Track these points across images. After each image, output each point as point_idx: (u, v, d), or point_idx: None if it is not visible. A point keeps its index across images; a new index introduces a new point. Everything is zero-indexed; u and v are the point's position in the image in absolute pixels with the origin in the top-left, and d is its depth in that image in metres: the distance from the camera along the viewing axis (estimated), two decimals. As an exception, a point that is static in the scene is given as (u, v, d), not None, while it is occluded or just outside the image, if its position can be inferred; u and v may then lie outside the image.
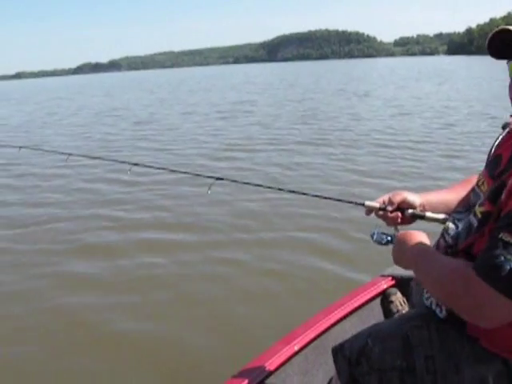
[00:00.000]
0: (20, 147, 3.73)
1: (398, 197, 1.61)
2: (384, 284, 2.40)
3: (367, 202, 1.63)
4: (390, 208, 1.60)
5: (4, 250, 5.62)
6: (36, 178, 9.22)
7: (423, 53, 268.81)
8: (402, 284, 2.35)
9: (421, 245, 1.37)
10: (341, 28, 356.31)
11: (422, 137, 11.33)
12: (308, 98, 23.71)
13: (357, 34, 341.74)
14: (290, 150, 10.66)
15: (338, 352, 1.50)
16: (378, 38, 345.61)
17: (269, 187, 2.35)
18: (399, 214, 1.61)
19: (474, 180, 1.55)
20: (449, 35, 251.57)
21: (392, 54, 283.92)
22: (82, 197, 7.73)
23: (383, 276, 2.46)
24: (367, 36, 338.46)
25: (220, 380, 1.86)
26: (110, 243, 5.73)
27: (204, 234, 5.81)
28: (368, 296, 2.33)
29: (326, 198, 1.95)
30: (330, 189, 7.21)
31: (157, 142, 12.88)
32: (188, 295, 4.36)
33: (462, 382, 1.31)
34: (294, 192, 2.11)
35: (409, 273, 1.98)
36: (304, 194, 2.04)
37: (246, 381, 1.78)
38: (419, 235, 1.42)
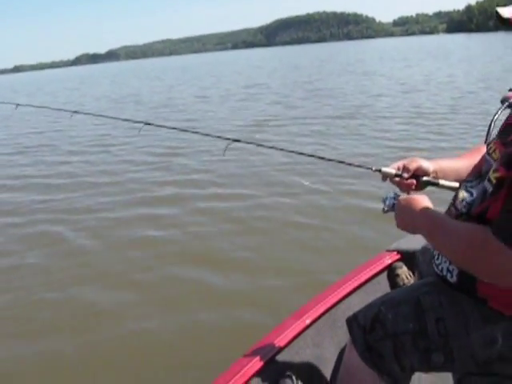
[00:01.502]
0: (17, 105, 3.88)
1: (414, 164, 1.66)
2: (390, 259, 2.46)
3: (384, 169, 1.69)
4: (405, 175, 1.66)
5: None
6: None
7: (422, 32, 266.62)
8: (407, 258, 2.40)
9: (430, 210, 1.42)
10: (339, 10, 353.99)
11: (435, 109, 12.07)
12: (317, 79, 24.30)
13: (355, 15, 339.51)
14: (315, 124, 11.49)
15: (352, 321, 1.55)
16: (377, 19, 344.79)
17: (281, 149, 2.36)
18: (414, 181, 1.66)
19: (482, 149, 1.64)
20: (448, 13, 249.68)
21: (391, 35, 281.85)
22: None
23: (389, 251, 2.52)
24: (366, 17, 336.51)
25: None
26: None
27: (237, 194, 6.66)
28: (374, 270, 2.40)
29: (348, 164, 2.02)
30: (352, 156, 8.00)
31: (182, 124, 13.54)
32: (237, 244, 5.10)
33: (473, 342, 1.36)
34: (312, 156, 2.17)
35: (414, 247, 2.20)
36: (321, 158, 2.13)
37: (262, 354, 1.86)
38: (423, 199, 1.45)
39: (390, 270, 2.41)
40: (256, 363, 1.80)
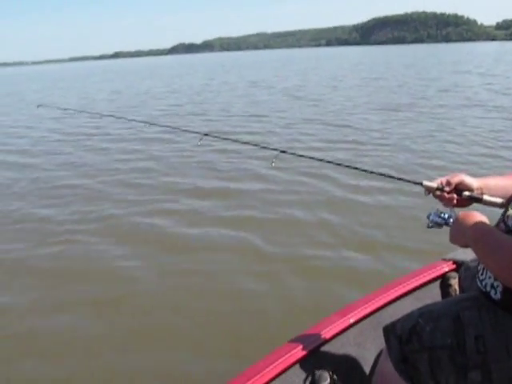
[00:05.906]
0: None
1: (456, 178, 1.63)
2: (445, 267, 2.42)
3: (425, 182, 1.65)
4: (447, 189, 1.62)
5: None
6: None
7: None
8: None
9: (483, 223, 1.41)
10: (439, 10, 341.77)
11: None
12: (436, 78, 25.30)
13: (455, 16, 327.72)
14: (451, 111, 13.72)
15: (389, 330, 1.55)
16: (479, 21, 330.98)
17: (329, 162, 2.24)
18: (455, 196, 1.62)
19: None
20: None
21: (493, 38, 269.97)
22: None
23: (444, 260, 2.49)
24: (467, 19, 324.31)
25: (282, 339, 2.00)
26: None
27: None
28: (427, 278, 2.37)
29: (389, 176, 1.98)
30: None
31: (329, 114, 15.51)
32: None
33: None
34: (354, 168, 2.15)
35: (470, 258, 2.13)
36: (363, 170, 2.10)
37: (303, 344, 1.89)
38: (480, 216, 1.46)
39: (444, 280, 2.37)
40: (297, 352, 1.86)
